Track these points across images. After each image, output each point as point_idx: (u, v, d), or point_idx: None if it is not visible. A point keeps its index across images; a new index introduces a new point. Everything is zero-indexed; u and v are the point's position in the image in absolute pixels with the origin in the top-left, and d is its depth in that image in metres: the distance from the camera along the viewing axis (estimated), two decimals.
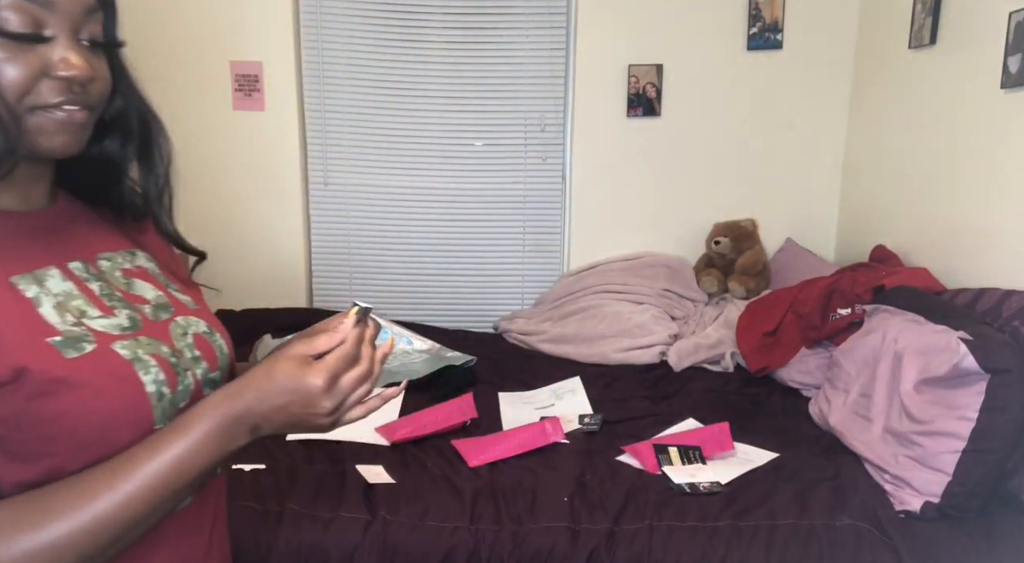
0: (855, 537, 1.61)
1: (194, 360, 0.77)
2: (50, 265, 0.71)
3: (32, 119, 0.66)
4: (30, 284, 0.68)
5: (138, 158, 0.80)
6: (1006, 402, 1.61)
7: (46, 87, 0.66)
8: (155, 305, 0.77)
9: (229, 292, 3.10)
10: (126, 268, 0.79)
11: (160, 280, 0.81)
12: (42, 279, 0.69)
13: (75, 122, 0.68)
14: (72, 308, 0.69)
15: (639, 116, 3.11)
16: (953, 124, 2.34)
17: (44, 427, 0.64)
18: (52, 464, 0.65)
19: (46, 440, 0.65)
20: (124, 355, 0.69)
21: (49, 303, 0.68)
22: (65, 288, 0.70)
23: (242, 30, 3.01)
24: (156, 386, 0.70)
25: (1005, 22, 2.05)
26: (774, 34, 3.03)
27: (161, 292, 0.79)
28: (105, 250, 0.78)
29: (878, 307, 2.15)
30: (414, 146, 3.16)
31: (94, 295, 0.72)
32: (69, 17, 0.67)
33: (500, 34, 3.07)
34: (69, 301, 0.70)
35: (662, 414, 2.24)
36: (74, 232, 0.76)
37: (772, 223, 3.19)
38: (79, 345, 0.67)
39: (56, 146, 0.68)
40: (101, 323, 0.70)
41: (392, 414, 2.18)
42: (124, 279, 0.77)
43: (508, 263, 3.29)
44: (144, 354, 0.71)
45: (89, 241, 0.77)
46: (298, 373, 0.70)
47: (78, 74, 0.66)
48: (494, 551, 1.60)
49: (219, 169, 3.11)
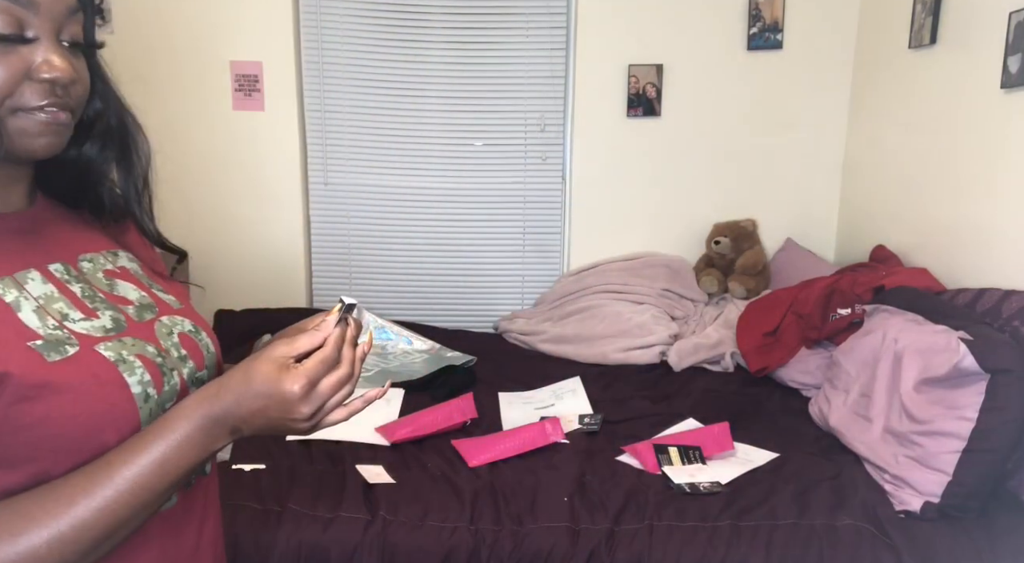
0: (855, 537, 1.61)
1: (180, 360, 0.76)
2: (30, 267, 0.70)
3: (13, 121, 0.65)
4: (9, 288, 0.67)
5: (116, 159, 0.79)
6: (1006, 402, 1.61)
7: (28, 89, 0.65)
8: (139, 305, 0.77)
9: (229, 292, 3.10)
10: (108, 269, 0.78)
11: (143, 280, 0.80)
12: (22, 282, 0.68)
13: (58, 124, 0.67)
14: (53, 311, 0.68)
15: (639, 116, 3.11)
16: (953, 124, 2.34)
17: (28, 433, 0.63)
18: (36, 469, 0.64)
19: (30, 445, 0.63)
20: (108, 356, 0.68)
21: (29, 307, 0.67)
22: (46, 291, 0.69)
23: (242, 30, 3.01)
24: (142, 387, 0.69)
25: (1005, 22, 2.05)
26: (774, 34, 3.03)
27: (144, 292, 0.79)
28: (86, 251, 0.77)
29: (878, 307, 2.15)
30: (414, 146, 3.16)
31: (76, 297, 0.71)
32: (52, 18, 0.66)
33: (500, 34, 3.07)
34: (50, 304, 0.69)
35: (662, 414, 2.24)
36: (54, 234, 0.75)
37: (772, 223, 3.19)
38: (61, 348, 0.66)
39: (38, 148, 0.67)
40: (84, 325, 0.69)
41: (392, 414, 2.18)
42: (106, 280, 0.76)
43: (508, 263, 3.29)
44: (129, 355, 0.70)
45: (69, 242, 0.76)
46: (275, 377, 0.68)
47: (61, 76, 0.65)
48: (494, 551, 1.60)
49: (219, 169, 3.11)
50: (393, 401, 2.27)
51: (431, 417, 2.09)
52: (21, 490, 0.63)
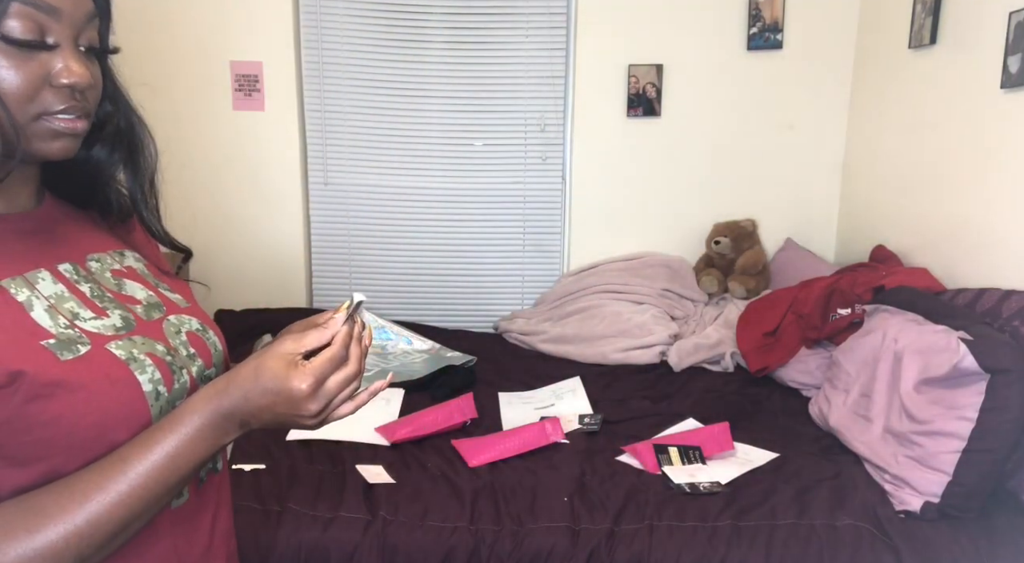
0: (855, 537, 1.61)
1: (189, 358, 0.77)
2: (40, 267, 0.70)
3: (33, 126, 0.66)
4: (21, 287, 0.67)
5: (124, 160, 0.80)
6: (1006, 402, 1.61)
7: (49, 94, 0.66)
8: (146, 305, 0.77)
9: (229, 292, 3.10)
10: (115, 268, 0.78)
11: (150, 279, 0.81)
12: (33, 282, 0.69)
13: (75, 128, 0.68)
14: (64, 310, 0.69)
15: (639, 116, 3.11)
16: (953, 124, 2.34)
17: (41, 431, 0.64)
18: (48, 467, 0.65)
19: (43, 444, 0.64)
20: (119, 355, 0.69)
21: (41, 306, 0.68)
22: (56, 290, 0.70)
23: (242, 30, 3.01)
24: (152, 385, 0.70)
25: (1005, 22, 2.05)
26: (774, 34, 3.03)
27: (151, 291, 0.79)
28: (94, 251, 0.78)
29: (878, 307, 2.15)
30: (414, 146, 3.16)
31: (85, 297, 0.72)
32: (72, 24, 0.67)
33: (500, 34, 3.07)
34: (61, 303, 0.69)
35: (662, 414, 2.24)
36: (62, 234, 0.76)
37: (772, 223, 3.19)
38: (73, 347, 0.67)
39: (54, 151, 0.68)
40: (94, 324, 0.70)
41: (392, 414, 2.18)
42: (114, 280, 0.77)
43: (508, 263, 3.29)
44: (139, 354, 0.71)
45: (77, 242, 0.77)
46: (283, 375, 0.69)
47: (80, 81, 0.66)
48: (494, 551, 1.60)
49: (219, 169, 3.11)
50: (393, 401, 2.27)
51: (431, 417, 2.09)
52: (32, 488, 0.64)
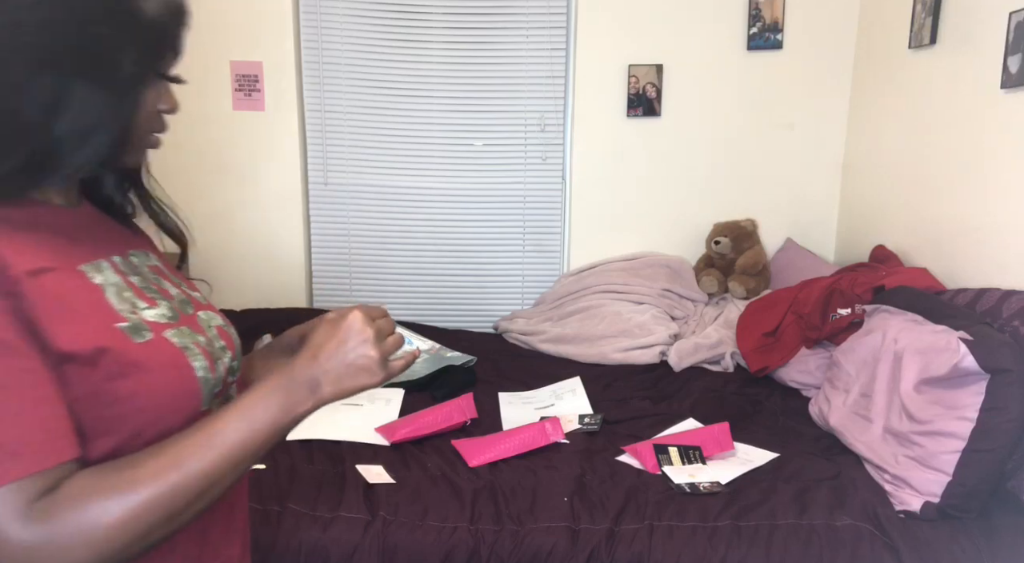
0: (855, 537, 1.61)
1: (221, 349, 0.82)
2: (99, 258, 0.75)
3: (147, 139, 0.78)
4: (95, 272, 0.72)
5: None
6: (1006, 402, 1.61)
7: (157, 118, 0.78)
8: (179, 300, 0.82)
9: (229, 292, 3.11)
10: (150, 264, 0.83)
11: (172, 278, 0.85)
12: (100, 270, 0.73)
13: (155, 145, 0.80)
14: (126, 298, 0.73)
15: (639, 116, 3.11)
16: (953, 124, 2.34)
17: (116, 407, 0.68)
18: (113, 443, 0.68)
19: (116, 419, 0.68)
20: (176, 343, 0.74)
21: (111, 292, 0.72)
22: (116, 280, 0.74)
23: (242, 30, 3.01)
24: (204, 372, 0.76)
25: (1005, 22, 2.05)
26: (774, 34, 3.03)
27: (177, 289, 0.84)
28: (132, 248, 0.83)
29: (878, 307, 2.14)
30: (414, 146, 3.16)
31: (136, 287, 0.76)
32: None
33: (500, 34, 3.07)
34: (121, 292, 0.74)
35: (662, 414, 2.24)
36: (104, 230, 0.81)
37: (772, 223, 3.19)
38: (142, 333, 0.72)
39: (135, 162, 0.80)
40: (150, 313, 0.75)
41: (392, 414, 2.18)
42: (152, 274, 0.81)
43: (508, 263, 3.29)
44: (190, 343, 0.76)
45: (118, 238, 0.81)
46: (335, 319, 0.78)
47: (176, 110, 0.79)
48: (494, 551, 1.60)
49: (219, 169, 3.11)
50: (393, 401, 2.27)
51: (431, 417, 2.09)
52: (95, 463, 0.67)
